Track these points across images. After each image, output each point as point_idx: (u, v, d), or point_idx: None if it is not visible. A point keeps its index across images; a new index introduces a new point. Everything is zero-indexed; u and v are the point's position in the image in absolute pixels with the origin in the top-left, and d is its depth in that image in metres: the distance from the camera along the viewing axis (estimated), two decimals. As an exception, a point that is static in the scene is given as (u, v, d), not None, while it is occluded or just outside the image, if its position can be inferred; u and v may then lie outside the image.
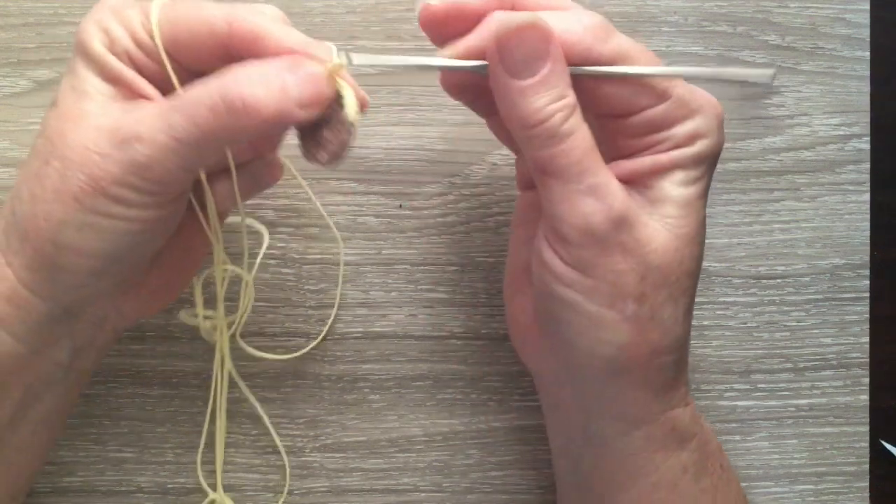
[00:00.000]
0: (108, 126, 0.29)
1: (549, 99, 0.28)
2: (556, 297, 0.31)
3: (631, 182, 0.31)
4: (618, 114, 0.31)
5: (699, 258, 0.31)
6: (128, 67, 0.30)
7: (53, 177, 0.29)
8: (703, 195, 0.31)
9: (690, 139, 0.30)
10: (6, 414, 0.32)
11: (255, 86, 0.27)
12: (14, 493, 0.36)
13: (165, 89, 0.31)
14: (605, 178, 0.29)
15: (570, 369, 0.33)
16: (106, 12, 0.30)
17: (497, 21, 0.29)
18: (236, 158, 0.33)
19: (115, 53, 0.30)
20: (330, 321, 0.41)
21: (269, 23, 0.29)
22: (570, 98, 0.29)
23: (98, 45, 0.30)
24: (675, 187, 0.30)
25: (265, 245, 0.39)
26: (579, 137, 0.29)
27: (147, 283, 0.34)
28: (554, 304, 0.31)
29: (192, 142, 0.28)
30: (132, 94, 0.30)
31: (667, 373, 0.31)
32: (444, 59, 0.30)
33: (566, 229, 0.29)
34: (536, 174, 0.30)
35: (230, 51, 0.30)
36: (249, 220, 0.40)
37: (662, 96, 0.30)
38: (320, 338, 0.41)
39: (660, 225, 0.30)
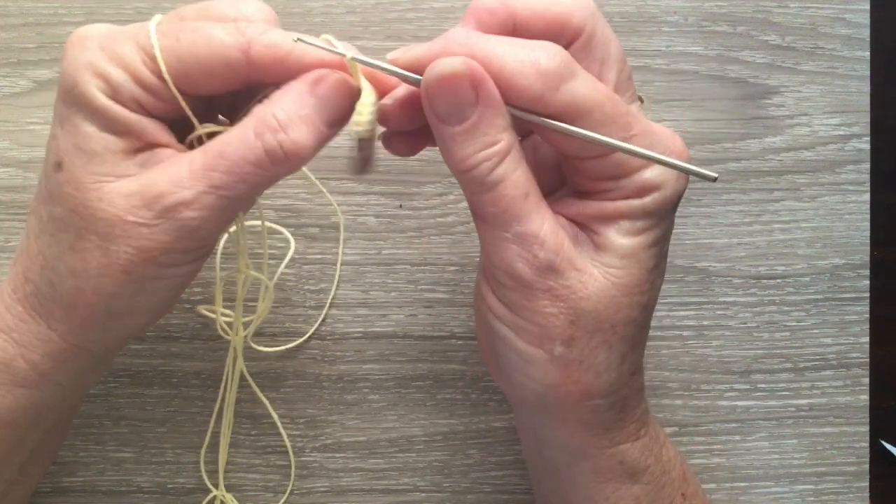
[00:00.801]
0: (138, 191, 0.27)
1: (476, 147, 0.27)
2: (492, 329, 0.30)
3: (579, 224, 0.30)
4: (570, 156, 0.29)
5: (643, 305, 0.29)
6: (137, 115, 0.28)
7: (95, 252, 0.28)
8: (654, 244, 0.29)
9: (640, 192, 0.28)
10: (36, 441, 0.33)
11: (291, 131, 0.27)
12: (25, 496, 0.37)
13: (177, 122, 0.29)
14: (536, 225, 0.28)
15: (513, 399, 0.33)
16: (96, 52, 0.27)
17: (429, 67, 0.27)
18: None
19: (120, 101, 0.28)
20: (330, 298, 0.41)
21: (282, 39, 0.28)
22: (503, 143, 0.27)
23: (100, 97, 0.27)
24: (618, 237, 0.29)
25: (291, 251, 0.40)
26: (509, 185, 0.27)
27: None
28: (491, 335, 0.31)
29: (240, 197, 0.28)
30: (144, 142, 0.29)
31: (602, 415, 0.30)
32: (389, 64, 0.28)
33: (495, 271, 0.29)
34: (472, 214, 0.29)
35: (248, 77, 0.28)
36: (277, 227, 0.40)
37: (615, 148, 0.28)
38: (320, 319, 0.41)
39: (599, 272, 0.29)
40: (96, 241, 0.28)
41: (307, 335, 0.41)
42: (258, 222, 0.37)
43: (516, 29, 0.29)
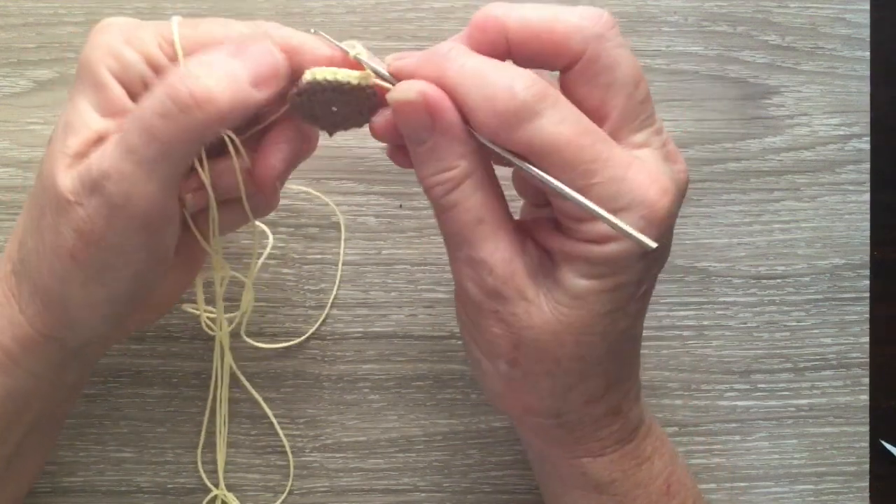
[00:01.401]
0: (79, 170, 0.27)
1: (432, 170, 0.28)
2: (461, 332, 0.32)
3: (549, 251, 0.29)
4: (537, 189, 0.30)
5: (592, 346, 0.28)
6: (133, 103, 0.28)
7: (49, 232, 0.28)
8: (612, 290, 0.28)
9: (601, 239, 0.27)
10: (20, 435, 0.33)
11: (201, 78, 0.26)
12: (18, 497, 0.36)
13: None
14: (487, 252, 0.28)
15: None
16: (114, 34, 0.28)
17: (393, 90, 0.28)
18: (234, 193, 0.31)
19: (126, 81, 0.28)
20: (332, 298, 0.41)
21: (300, 36, 0.29)
22: (458, 170, 0.27)
23: (105, 74, 0.28)
24: (573, 277, 0.28)
25: (269, 247, 0.40)
26: (461, 210, 0.28)
27: (149, 299, 0.33)
28: (462, 337, 0.32)
29: (156, 157, 0.26)
30: None
31: (551, 431, 0.31)
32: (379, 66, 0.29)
33: (455, 284, 0.30)
34: None
35: None
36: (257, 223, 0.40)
37: (579, 191, 0.26)
38: (321, 319, 0.41)
39: (548, 306, 0.28)
40: (50, 219, 0.28)
41: (307, 335, 0.41)
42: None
43: (511, 48, 0.28)
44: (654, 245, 0.26)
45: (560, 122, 0.26)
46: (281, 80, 0.28)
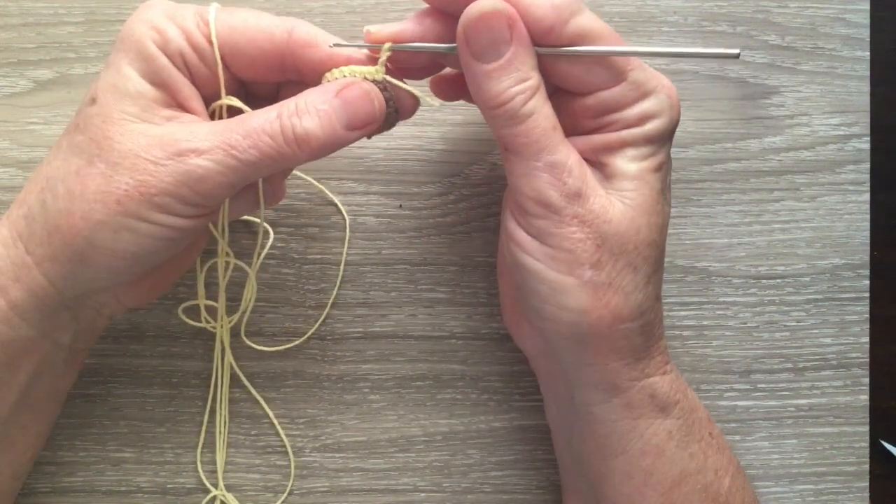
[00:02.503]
0: (159, 135, 0.30)
1: (511, 82, 0.30)
2: (521, 265, 0.32)
3: (588, 158, 0.32)
4: (575, 92, 0.32)
5: (660, 227, 0.32)
6: (179, 71, 0.31)
7: (97, 178, 0.29)
8: (658, 168, 0.32)
9: (641, 120, 0.31)
10: (14, 395, 0.33)
11: (308, 117, 0.30)
12: (18, 473, 0.37)
13: (209, 96, 0.32)
14: (563, 155, 0.30)
15: (546, 342, 0.34)
16: (158, 11, 0.31)
17: (467, 9, 0.30)
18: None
19: (167, 54, 0.30)
20: (333, 297, 0.41)
21: (325, 36, 0.32)
22: (533, 80, 0.30)
23: (150, 45, 0.30)
24: (626, 163, 0.31)
25: (270, 241, 0.40)
26: (540, 117, 0.30)
27: (149, 276, 0.34)
28: (521, 273, 0.32)
29: (249, 162, 0.29)
30: (175, 101, 0.31)
31: (633, 340, 0.32)
32: (423, 43, 0.32)
33: (525, 202, 0.31)
34: (501, 150, 0.32)
35: (285, 60, 0.32)
36: (252, 219, 0.40)
37: (617, 79, 0.31)
38: (322, 317, 0.41)
39: (615, 198, 0.31)
40: (102, 168, 0.29)
41: (307, 335, 0.41)
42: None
43: None
44: (737, 52, 0.30)
45: (596, 18, 0.31)
46: (376, 123, 0.31)
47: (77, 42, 0.40)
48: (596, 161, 0.32)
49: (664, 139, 0.32)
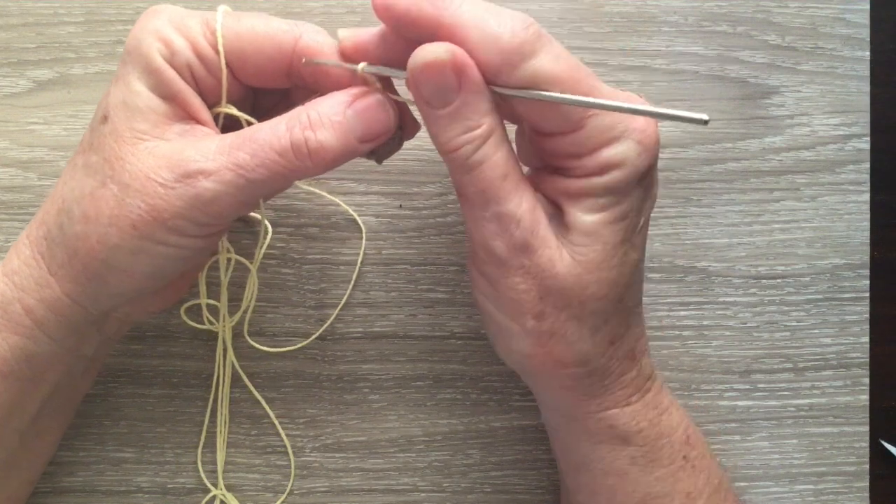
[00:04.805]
0: (167, 154, 0.29)
1: (459, 130, 0.28)
2: (476, 301, 0.33)
3: (553, 199, 0.31)
4: (536, 131, 0.30)
5: (613, 282, 0.30)
6: (187, 83, 0.30)
7: (111, 201, 0.29)
8: (621, 218, 0.30)
9: (602, 169, 0.29)
10: (36, 407, 0.33)
11: (322, 130, 0.29)
12: (32, 479, 0.37)
13: (215, 105, 0.32)
14: (514, 205, 0.29)
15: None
16: (164, 21, 0.30)
17: (414, 54, 0.28)
18: None
19: (175, 66, 0.30)
20: (344, 298, 0.41)
21: (327, 39, 0.31)
22: (483, 128, 0.28)
23: (157, 58, 0.29)
24: (582, 214, 0.29)
25: (268, 238, 0.40)
26: (488, 167, 0.29)
27: (171, 284, 0.34)
28: (479, 308, 0.33)
29: (258, 181, 0.29)
30: (186, 113, 0.31)
31: (581, 381, 0.32)
32: (389, 69, 0.30)
33: (475, 247, 0.31)
34: (456, 194, 0.31)
35: (292, 68, 0.31)
36: (254, 215, 0.40)
37: (574, 125, 0.29)
38: (331, 319, 0.41)
39: (566, 251, 0.30)
40: (115, 191, 0.29)
41: (313, 337, 0.41)
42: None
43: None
44: (705, 117, 0.26)
45: (556, 59, 0.28)
46: (389, 134, 0.31)
47: (77, 42, 0.40)
48: (559, 205, 0.30)
49: (628, 188, 0.29)
